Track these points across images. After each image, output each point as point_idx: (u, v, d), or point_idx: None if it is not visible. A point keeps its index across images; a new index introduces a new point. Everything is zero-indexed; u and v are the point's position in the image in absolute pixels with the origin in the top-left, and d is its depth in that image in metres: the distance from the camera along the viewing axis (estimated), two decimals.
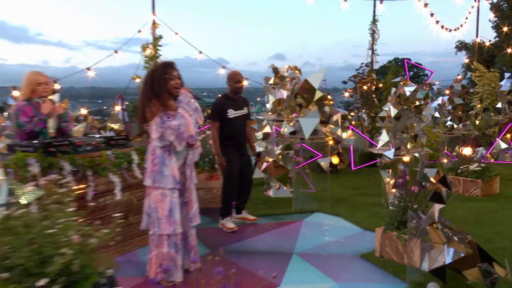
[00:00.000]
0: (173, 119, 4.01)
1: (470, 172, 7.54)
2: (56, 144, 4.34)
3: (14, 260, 1.50)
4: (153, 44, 8.08)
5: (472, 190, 7.46)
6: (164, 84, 4.10)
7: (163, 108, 4.02)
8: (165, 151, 4.07)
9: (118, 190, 4.80)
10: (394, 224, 4.73)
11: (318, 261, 4.90)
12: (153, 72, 4.23)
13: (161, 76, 4.12)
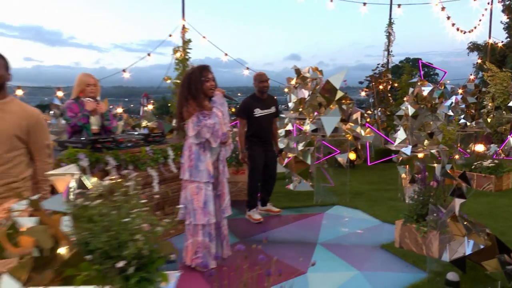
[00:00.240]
0: (208, 118, 4.10)
1: (484, 168, 7.52)
2: (102, 140, 4.48)
3: (95, 244, 1.62)
4: (183, 47, 8.17)
5: (486, 185, 7.45)
6: (200, 86, 4.17)
7: (199, 108, 4.11)
8: (200, 147, 4.16)
9: (156, 183, 4.93)
10: (413, 217, 4.76)
11: (341, 251, 4.93)
12: (190, 75, 4.29)
13: (197, 78, 4.19)
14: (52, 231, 1.54)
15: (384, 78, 10.47)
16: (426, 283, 4.03)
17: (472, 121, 9.96)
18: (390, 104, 10.49)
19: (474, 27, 11.36)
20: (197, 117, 4.09)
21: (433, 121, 6.59)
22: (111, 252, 1.63)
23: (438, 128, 6.65)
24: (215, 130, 4.10)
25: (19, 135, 2.69)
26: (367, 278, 4.21)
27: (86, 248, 1.64)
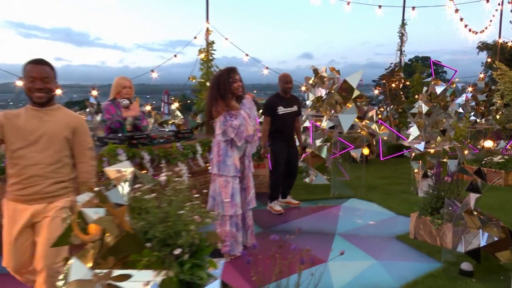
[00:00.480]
0: (234, 119, 4.18)
1: (494, 163, 7.50)
2: (137, 137, 4.60)
3: (153, 233, 1.73)
4: (207, 48, 8.23)
5: (496, 180, 7.42)
6: (228, 86, 4.24)
7: (227, 108, 4.19)
8: (228, 144, 4.24)
9: (186, 176, 5.05)
10: (428, 210, 4.79)
11: (358, 241, 4.97)
12: (218, 77, 4.37)
13: (226, 80, 4.27)
14: (118, 221, 1.64)
15: (396, 76, 10.45)
16: (441, 272, 4.04)
17: (482, 118, 9.92)
18: (402, 102, 10.47)
19: (485, 27, 11.26)
20: (224, 117, 4.17)
21: (445, 118, 6.60)
22: (168, 240, 1.74)
23: (450, 126, 6.66)
24: (239, 131, 4.17)
25: (67, 136, 2.80)
26: (384, 267, 4.25)
27: (144, 237, 1.75)
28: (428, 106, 6.41)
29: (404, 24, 10.37)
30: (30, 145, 2.64)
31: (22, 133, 2.63)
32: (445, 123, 6.58)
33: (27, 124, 2.67)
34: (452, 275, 3.98)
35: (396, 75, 10.43)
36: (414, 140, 6.65)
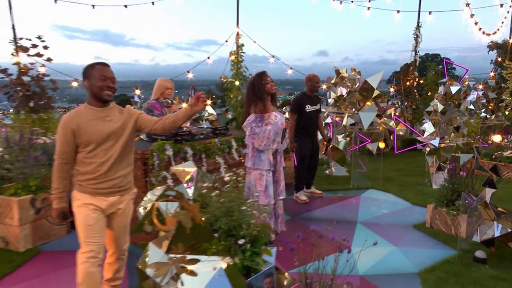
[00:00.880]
0: (260, 125, 4.31)
1: (504, 158, 7.46)
2: (181, 133, 4.74)
3: (219, 225, 1.88)
4: (237, 51, 8.29)
5: (505, 173, 7.40)
6: (262, 88, 4.38)
7: (263, 110, 4.34)
8: None
9: (222, 168, 5.19)
10: (444, 201, 4.84)
11: (378, 229, 5.02)
12: (252, 81, 4.50)
13: (259, 82, 4.40)
14: (191, 215, 1.79)
15: (411, 75, 10.39)
16: (457, 259, 4.09)
17: (492, 115, 9.84)
18: (416, 99, 10.42)
19: (497, 29, 11.07)
20: (254, 117, 4.32)
21: (459, 116, 6.60)
22: (232, 231, 1.88)
23: (463, 123, 6.66)
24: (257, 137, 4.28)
25: (131, 130, 2.85)
26: (404, 253, 4.30)
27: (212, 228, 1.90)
28: (443, 104, 6.42)
29: (419, 26, 10.28)
30: (101, 145, 2.70)
31: (92, 134, 2.68)
32: (459, 121, 6.57)
33: (93, 125, 2.71)
34: (466, 261, 4.01)
35: (411, 74, 10.37)
36: (429, 136, 6.67)
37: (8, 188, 4.47)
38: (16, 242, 4.34)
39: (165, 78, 5.34)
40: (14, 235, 4.34)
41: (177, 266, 1.82)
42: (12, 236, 4.36)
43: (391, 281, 3.71)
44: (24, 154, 4.63)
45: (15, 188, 4.41)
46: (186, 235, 1.84)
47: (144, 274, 1.92)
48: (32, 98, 6.61)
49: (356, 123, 6.76)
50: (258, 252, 1.92)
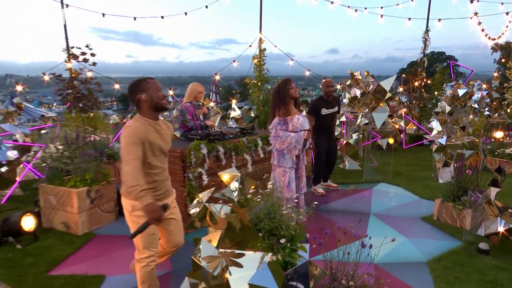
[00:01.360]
0: (285, 128, 4.38)
1: (506, 154, 7.42)
2: (213, 133, 4.89)
3: (263, 226, 2.03)
4: (259, 55, 8.39)
5: (507, 169, 7.37)
6: (287, 92, 4.44)
7: (287, 113, 4.41)
8: None
9: (249, 164, 5.33)
10: (450, 197, 4.89)
11: (390, 221, 5.04)
12: (278, 87, 4.56)
13: (284, 87, 4.47)
14: (240, 217, 1.94)
15: (419, 76, 10.32)
16: (462, 249, 4.13)
17: (495, 113, 9.73)
18: (424, 98, 10.35)
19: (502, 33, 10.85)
20: (279, 120, 4.40)
21: (465, 116, 6.60)
22: (273, 231, 2.03)
23: (469, 122, 6.65)
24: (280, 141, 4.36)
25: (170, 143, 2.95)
26: (413, 243, 4.34)
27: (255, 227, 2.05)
28: (450, 106, 6.43)
29: (428, 30, 10.17)
30: (158, 156, 2.74)
31: (154, 147, 2.70)
32: (465, 121, 6.57)
33: (155, 139, 2.71)
34: (471, 252, 4.05)
35: (419, 75, 10.29)
36: (436, 134, 6.68)
37: (68, 180, 4.72)
38: (76, 227, 4.60)
39: (198, 83, 5.46)
40: (74, 221, 4.60)
41: (227, 259, 1.98)
42: (72, 222, 4.62)
43: (402, 270, 3.77)
44: (81, 151, 4.86)
45: (74, 181, 4.66)
46: (235, 234, 1.99)
47: (197, 265, 2.08)
48: (81, 99, 6.85)
49: (369, 122, 6.79)
50: (295, 249, 2.07)
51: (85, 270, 3.80)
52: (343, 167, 7.41)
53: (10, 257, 4.01)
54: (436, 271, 3.72)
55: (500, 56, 13.32)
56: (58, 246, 4.30)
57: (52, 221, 4.76)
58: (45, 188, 4.71)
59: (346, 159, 7.39)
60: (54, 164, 4.87)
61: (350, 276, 2.58)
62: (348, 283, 2.52)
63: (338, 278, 2.54)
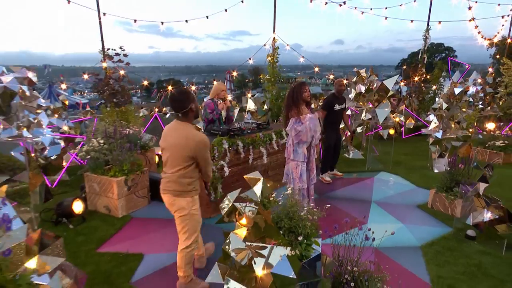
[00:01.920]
0: (301, 124, 4.47)
1: (496, 146, 7.48)
2: (233, 129, 5.06)
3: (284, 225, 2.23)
4: (273, 53, 8.42)
5: (495, 159, 7.44)
6: (300, 95, 4.52)
7: (299, 113, 4.50)
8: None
9: (265, 157, 5.50)
10: (444, 188, 5.02)
11: (389, 208, 5.15)
12: (293, 89, 4.63)
13: (299, 90, 4.55)
14: (264, 218, 2.14)
15: (419, 71, 10.28)
16: (452, 236, 4.28)
17: (488, 107, 9.69)
18: (423, 92, 10.34)
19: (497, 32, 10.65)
20: (295, 119, 4.50)
21: (460, 112, 6.63)
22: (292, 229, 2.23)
23: (463, 118, 6.70)
24: (299, 134, 4.47)
25: None
26: (409, 229, 4.49)
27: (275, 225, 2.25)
28: (447, 103, 6.48)
29: (428, 29, 10.06)
30: None
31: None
32: (459, 116, 6.61)
33: None
34: (460, 238, 4.20)
35: (419, 71, 10.25)
36: (433, 128, 6.74)
37: (108, 170, 4.98)
38: (116, 210, 4.88)
39: (221, 83, 5.61)
40: (114, 205, 4.88)
41: (252, 251, 2.19)
42: (113, 206, 4.90)
43: (399, 253, 3.92)
44: (118, 145, 5.09)
45: (114, 171, 4.91)
46: (260, 231, 2.20)
47: (227, 254, 2.30)
48: (115, 95, 7.06)
49: (372, 117, 6.88)
50: (310, 244, 2.27)
51: (126, 248, 4.07)
52: (348, 156, 7.51)
53: (64, 235, 4.31)
54: (428, 255, 3.87)
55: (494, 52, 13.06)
56: (102, 226, 4.59)
57: (96, 205, 5.05)
58: (89, 177, 4.99)
59: (351, 149, 7.52)
60: (96, 155, 5.12)
61: (355, 262, 2.76)
62: (352, 268, 2.70)
63: (344, 263, 2.73)
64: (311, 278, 2.11)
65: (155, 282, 3.45)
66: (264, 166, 5.60)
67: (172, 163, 2.90)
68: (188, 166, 2.86)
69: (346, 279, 2.63)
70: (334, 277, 2.65)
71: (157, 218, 4.89)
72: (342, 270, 2.70)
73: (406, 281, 3.37)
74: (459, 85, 6.51)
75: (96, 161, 5.03)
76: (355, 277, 2.63)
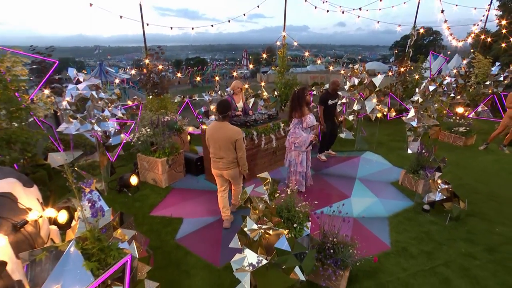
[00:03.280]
0: (301, 124, 4.74)
1: (459, 131, 7.66)
2: (248, 120, 5.38)
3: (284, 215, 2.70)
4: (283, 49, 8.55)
5: (458, 142, 7.63)
6: (303, 99, 4.77)
7: (301, 115, 4.76)
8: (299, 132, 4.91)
9: (274, 141, 5.84)
10: (411, 170, 5.28)
11: (368, 184, 5.39)
12: (298, 93, 4.83)
13: (302, 95, 4.78)
14: (271, 211, 2.62)
15: (405, 63, 10.27)
16: (412, 209, 4.59)
17: (459, 95, 9.75)
18: (407, 81, 10.37)
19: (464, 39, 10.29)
20: (297, 121, 4.78)
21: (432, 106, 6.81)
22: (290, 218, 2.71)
23: (435, 110, 6.88)
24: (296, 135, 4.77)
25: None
26: (382, 203, 4.77)
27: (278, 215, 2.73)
28: (422, 98, 6.65)
29: (415, 27, 9.91)
30: None
31: None
32: (432, 109, 6.80)
33: None
34: (418, 211, 4.52)
35: (405, 63, 10.23)
36: (410, 118, 6.95)
37: (154, 152, 5.48)
38: (161, 182, 5.44)
39: (238, 81, 5.82)
40: (159, 178, 5.43)
41: (262, 231, 2.69)
42: (158, 179, 5.45)
43: (372, 222, 4.28)
44: (161, 131, 5.53)
45: (158, 153, 5.41)
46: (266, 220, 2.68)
47: (244, 232, 2.79)
48: (156, 87, 7.43)
49: (362, 107, 7.10)
50: (302, 227, 2.74)
51: (170, 213, 4.60)
52: (341, 137, 7.59)
53: (125, 201, 4.90)
54: (392, 224, 4.22)
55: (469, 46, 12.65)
56: (152, 195, 5.16)
57: (146, 177, 5.62)
58: (140, 157, 5.52)
59: (344, 130, 7.77)
60: (144, 138, 5.61)
61: (335, 235, 3.20)
62: (333, 239, 3.16)
63: (327, 236, 3.19)
64: (302, 249, 2.60)
65: (192, 240, 3.99)
66: (274, 148, 5.95)
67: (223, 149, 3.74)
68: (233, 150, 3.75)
69: (328, 247, 3.11)
70: (320, 246, 3.14)
71: (191, 188, 5.43)
72: (326, 240, 3.19)
73: (373, 244, 3.78)
74: (432, 83, 6.64)
75: (144, 145, 5.53)
76: (335, 245, 3.11)
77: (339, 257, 3.01)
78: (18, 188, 2.62)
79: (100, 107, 4.61)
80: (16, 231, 2.31)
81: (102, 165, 4.81)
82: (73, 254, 2.31)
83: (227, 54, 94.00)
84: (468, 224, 4.21)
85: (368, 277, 3.26)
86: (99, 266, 2.35)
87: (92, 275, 2.24)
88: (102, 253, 2.43)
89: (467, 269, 3.41)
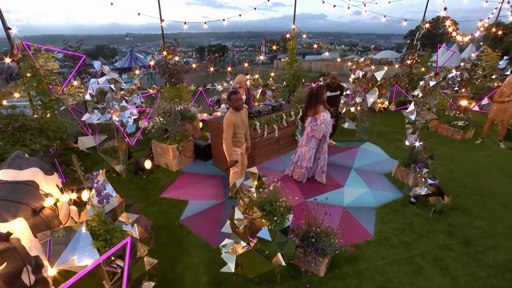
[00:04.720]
0: (315, 123, 4.68)
1: (458, 125, 7.41)
2: (252, 112, 5.41)
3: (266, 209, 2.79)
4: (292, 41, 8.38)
5: (456, 135, 7.39)
6: (320, 97, 4.67)
7: (315, 113, 4.69)
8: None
9: (276, 131, 5.85)
10: (404, 163, 5.24)
11: (363, 175, 5.26)
12: (316, 90, 4.70)
13: (320, 93, 4.67)
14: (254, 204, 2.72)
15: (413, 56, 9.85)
16: (400, 200, 4.54)
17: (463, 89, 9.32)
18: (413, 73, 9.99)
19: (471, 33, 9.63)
20: (311, 118, 4.73)
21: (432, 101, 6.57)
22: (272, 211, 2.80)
23: (434, 105, 6.65)
24: (314, 132, 4.72)
25: None
26: (372, 193, 4.70)
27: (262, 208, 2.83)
28: (422, 93, 6.43)
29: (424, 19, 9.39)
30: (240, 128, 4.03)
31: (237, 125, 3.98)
32: (431, 103, 6.57)
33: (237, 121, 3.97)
34: (405, 203, 4.48)
35: (412, 55, 9.81)
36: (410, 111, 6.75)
37: (166, 139, 5.64)
38: (171, 166, 5.63)
39: (243, 75, 5.81)
40: (170, 162, 5.62)
41: (247, 221, 2.80)
42: (169, 163, 5.64)
43: (360, 212, 4.26)
44: (173, 120, 5.66)
45: (170, 140, 5.57)
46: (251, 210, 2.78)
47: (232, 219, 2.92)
48: (172, 77, 7.53)
49: (363, 100, 6.96)
50: (283, 219, 2.83)
51: (177, 195, 4.79)
52: (344, 127, 7.47)
53: (140, 183, 5.13)
54: (379, 214, 4.20)
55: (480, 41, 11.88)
56: (163, 178, 5.36)
57: (159, 161, 5.83)
58: (154, 143, 5.71)
59: (347, 120, 7.66)
60: (159, 126, 5.77)
61: (319, 225, 3.28)
62: (317, 229, 3.24)
63: (312, 226, 3.27)
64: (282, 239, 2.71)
65: (195, 221, 4.18)
66: (276, 138, 5.98)
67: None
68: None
69: (311, 235, 3.20)
70: (304, 234, 3.23)
71: (199, 173, 5.59)
72: (310, 230, 3.27)
73: (357, 233, 3.82)
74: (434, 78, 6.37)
75: (158, 132, 5.70)
76: (317, 235, 3.19)
77: (319, 245, 3.10)
78: (40, 176, 2.82)
79: (118, 98, 4.76)
80: (35, 215, 2.52)
81: (121, 149, 5.02)
82: (83, 234, 2.53)
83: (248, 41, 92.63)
84: (450, 217, 4.18)
85: (348, 263, 3.35)
86: (105, 245, 2.55)
87: (98, 252, 2.45)
88: (108, 234, 2.63)
89: (440, 259, 3.43)
